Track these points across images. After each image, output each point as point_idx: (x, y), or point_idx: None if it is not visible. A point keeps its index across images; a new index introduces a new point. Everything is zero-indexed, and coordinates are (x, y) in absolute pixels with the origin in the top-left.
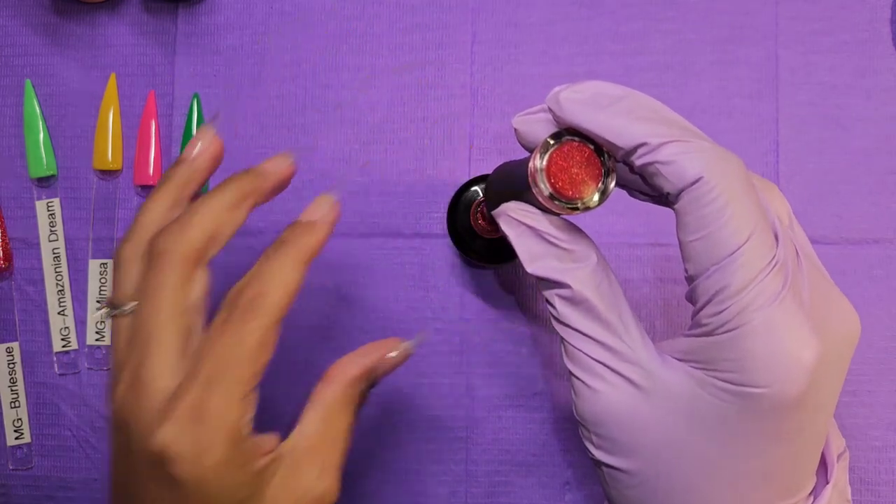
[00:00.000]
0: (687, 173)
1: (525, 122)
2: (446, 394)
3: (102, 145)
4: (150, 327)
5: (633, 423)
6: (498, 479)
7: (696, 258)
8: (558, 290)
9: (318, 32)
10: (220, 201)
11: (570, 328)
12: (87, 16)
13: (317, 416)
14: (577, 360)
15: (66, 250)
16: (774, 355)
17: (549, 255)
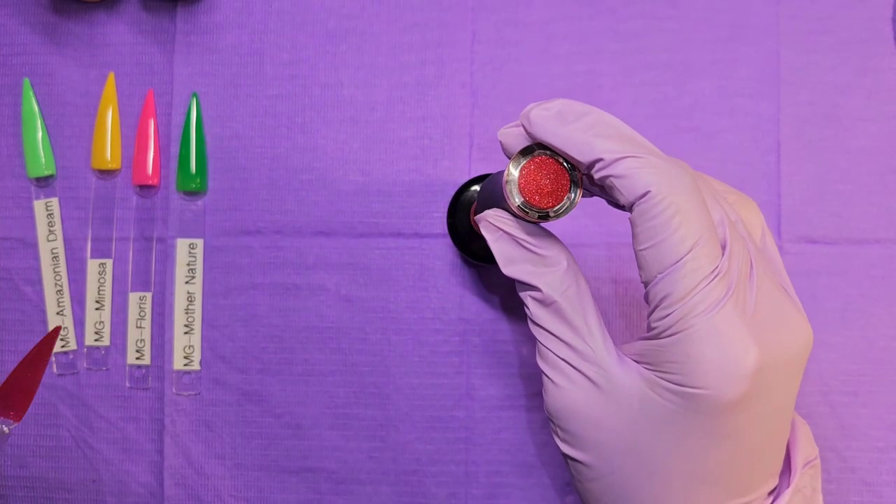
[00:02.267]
0: (637, 187)
1: (507, 136)
2: (446, 394)
3: (101, 145)
4: None
5: (591, 418)
6: (498, 479)
7: (646, 266)
8: (531, 292)
9: (317, 31)
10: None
11: (541, 328)
12: (85, 15)
13: None
14: (545, 358)
15: (65, 250)
16: (714, 359)
17: (523, 259)
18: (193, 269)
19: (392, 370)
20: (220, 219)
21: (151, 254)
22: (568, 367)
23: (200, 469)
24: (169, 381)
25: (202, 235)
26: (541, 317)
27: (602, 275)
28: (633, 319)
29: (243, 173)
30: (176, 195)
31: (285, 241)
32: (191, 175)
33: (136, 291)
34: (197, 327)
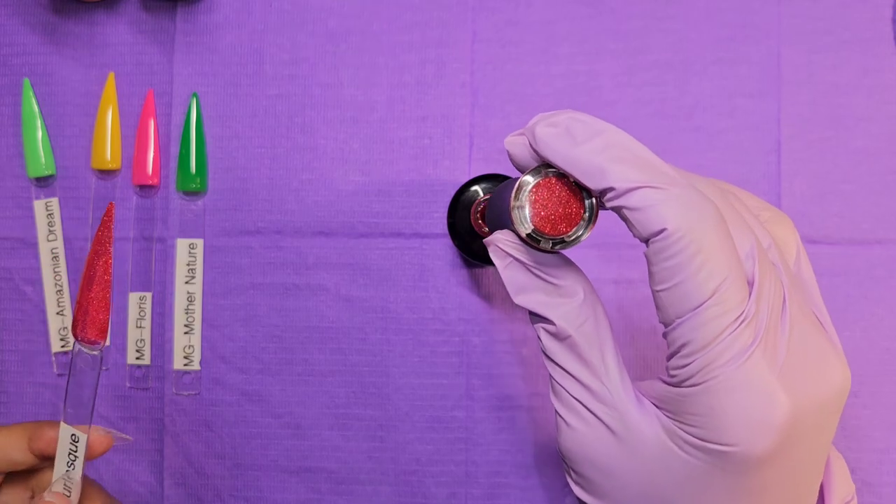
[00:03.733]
0: (653, 222)
1: (514, 145)
2: (446, 394)
3: (101, 145)
4: None
5: (606, 465)
6: (498, 480)
7: (663, 308)
8: (544, 324)
9: (317, 31)
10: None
11: (554, 363)
12: (85, 15)
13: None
14: (559, 396)
15: (65, 250)
16: (740, 413)
17: (536, 288)
18: (193, 269)
19: (392, 370)
20: (220, 219)
21: (151, 254)
22: (582, 408)
23: (200, 469)
24: (169, 381)
25: (202, 235)
26: (554, 351)
27: (602, 276)
28: (634, 321)
29: (243, 173)
30: (176, 195)
31: (285, 241)
32: (191, 175)
33: (136, 291)
34: (197, 327)
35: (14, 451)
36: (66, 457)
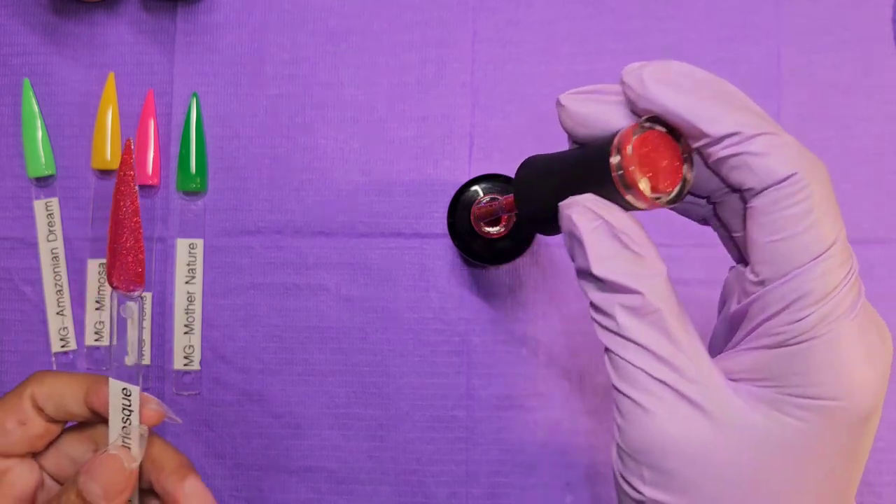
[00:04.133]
0: (779, 169)
1: (581, 103)
2: (446, 394)
3: (101, 145)
4: None
5: (698, 452)
6: (498, 479)
7: (774, 261)
8: (624, 297)
9: (317, 30)
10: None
11: (630, 341)
12: (85, 15)
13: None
14: (633, 380)
15: (65, 250)
16: (850, 367)
17: (621, 258)
18: (193, 269)
19: (392, 370)
20: (220, 219)
21: (151, 254)
22: (665, 389)
23: (200, 469)
24: (169, 381)
25: (202, 235)
26: (633, 329)
27: None
28: None
29: (243, 173)
30: (176, 195)
31: (285, 240)
32: (191, 175)
33: None
34: (197, 327)
35: (70, 402)
36: (121, 412)
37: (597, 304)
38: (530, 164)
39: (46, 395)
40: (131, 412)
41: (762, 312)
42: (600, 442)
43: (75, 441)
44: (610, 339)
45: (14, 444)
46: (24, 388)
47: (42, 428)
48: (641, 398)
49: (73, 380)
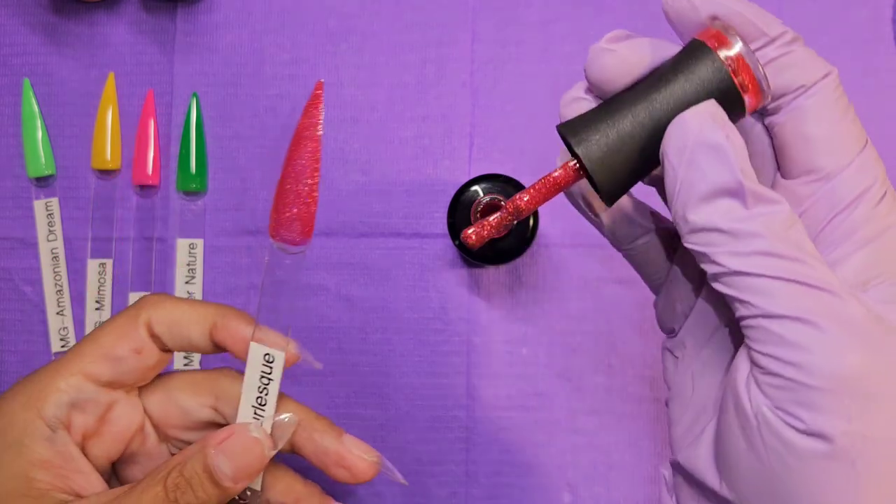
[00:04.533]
0: (821, 66)
1: (636, 46)
2: (446, 394)
3: (101, 144)
4: None
5: (880, 371)
6: (498, 480)
7: (839, 149)
8: (769, 209)
9: (317, 30)
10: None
11: (783, 258)
12: (85, 15)
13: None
14: (786, 298)
15: (65, 250)
16: None
17: (750, 172)
18: (193, 270)
19: (392, 370)
20: (221, 219)
21: (151, 254)
22: (830, 304)
23: None
24: None
25: (202, 235)
26: (784, 244)
27: (605, 275)
28: (636, 321)
29: (243, 173)
30: (176, 195)
31: None
32: (191, 175)
33: (136, 291)
34: None
35: (194, 332)
36: (258, 380)
37: (733, 226)
38: (582, 128)
39: (165, 322)
40: (270, 381)
41: (832, 208)
42: (601, 442)
43: (189, 389)
44: (756, 263)
45: (125, 374)
46: (138, 311)
47: (156, 358)
48: (812, 317)
49: (196, 308)
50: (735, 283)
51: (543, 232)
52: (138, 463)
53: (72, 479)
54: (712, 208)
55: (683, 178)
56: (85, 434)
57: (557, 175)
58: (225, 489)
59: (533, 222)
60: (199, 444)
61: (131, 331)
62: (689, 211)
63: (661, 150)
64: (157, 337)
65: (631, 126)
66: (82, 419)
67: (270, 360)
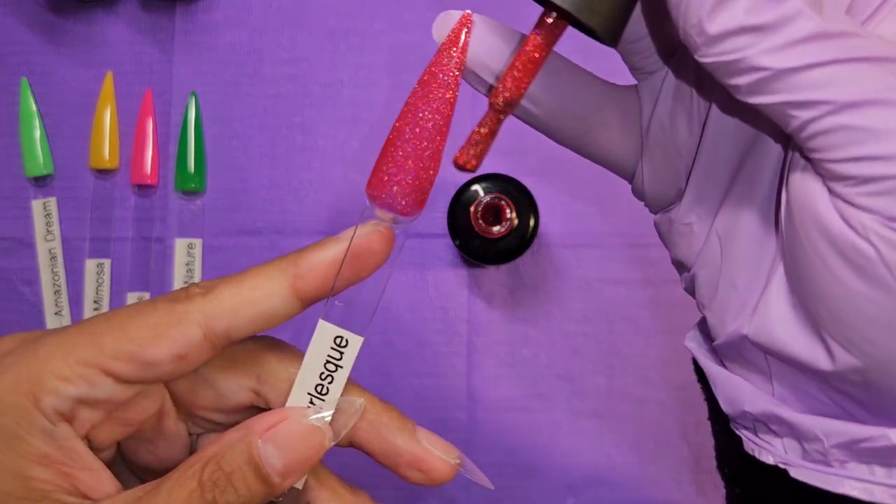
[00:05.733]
0: None
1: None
2: (447, 396)
3: (99, 144)
4: None
5: None
6: (499, 482)
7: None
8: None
9: (317, 30)
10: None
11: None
12: (83, 13)
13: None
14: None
15: (63, 250)
16: None
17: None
18: (192, 270)
19: (392, 371)
20: (219, 218)
21: (150, 254)
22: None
23: None
24: None
25: (201, 235)
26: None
27: (605, 275)
28: (637, 322)
29: (242, 173)
30: (174, 195)
31: (285, 240)
32: (189, 174)
33: (135, 292)
34: None
35: (274, 299)
36: (323, 366)
37: (766, 18)
38: None
39: (228, 312)
40: (338, 368)
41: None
42: (603, 444)
43: (226, 367)
44: (807, 51)
45: (159, 377)
46: (187, 306)
47: (206, 357)
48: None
49: (262, 272)
50: (784, 86)
51: (543, 232)
52: (150, 442)
53: (77, 477)
54: (735, 3)
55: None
56: (93, 426)
57: (537, 40)
58: (273, 485)
59: (534, 222)
60: (241, 432)
61: (175, 330)
62: (707, 13)
63: None
64: (219, 335)
65: None
66: (90, 414)
67: (342, 344)
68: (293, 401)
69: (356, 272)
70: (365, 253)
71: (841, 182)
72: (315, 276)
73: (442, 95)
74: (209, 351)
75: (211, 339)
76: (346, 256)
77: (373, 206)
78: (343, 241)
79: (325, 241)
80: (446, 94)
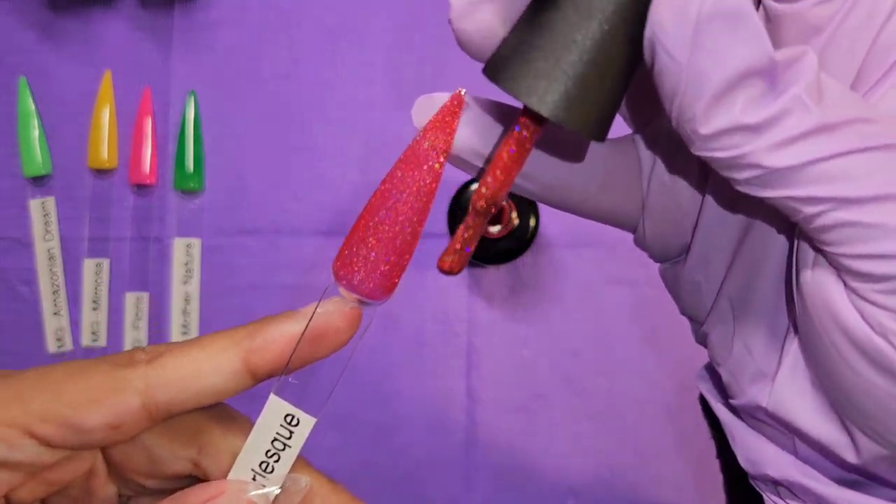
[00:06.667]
0: None
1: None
2: (447, 396)
3: (97, 143)
4: None
5: None
6: (499, 483)
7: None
8: (801, 66)
9: (316, 28)
10: None
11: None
12: (82, 12)
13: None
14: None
15: (61, 250)
16: None
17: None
18: (191, 269)
19: (392, 372)
20: (218, 218)
21: (148, 253)
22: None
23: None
24: None
25: (200, 235)
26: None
27: (606, 276)
28: (638, 323)
29: (241, 172)
30: (173, 194)
31: (284, 240)
32: (188, 174)
33: (133, 291)
34: (194, 328)
35: (221, 375)
36: (270, 443)
37: (767, 114)
38: (523, 63)
39: (172, 384)
40: (286, 447)
41: (864, 28)
42: (602, 445)
43: (166, 434)
44: (810, 147)
45: (90, 444)
46: (128, 373)
47: (144, 427)
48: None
49: (214, 343)
50: (787, 182)
51: (543, 232)
52: (76, 501)
53: None
54: (733, 100)
55: (690, 70)
56: (11, 487)
57: (521, 138)
58: None
59: (534, 222)
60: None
61: (112, 397)
62: (703, 111)
63: (648, 37)
64: (160, 407)
65: (597, 27)
66: (9, 476)
67: (293, 423)
68: (235, 474)
69: (315, 352)
70: (326, 333)
71: (855, 277)
72: (270, 353)
73: (423, 181)
74: (147, 421)
75: (150, 409)
76: (304, 335)
77: (338, 286)
78: (304, 316)
79: (285, 316)
80: (427, 180)
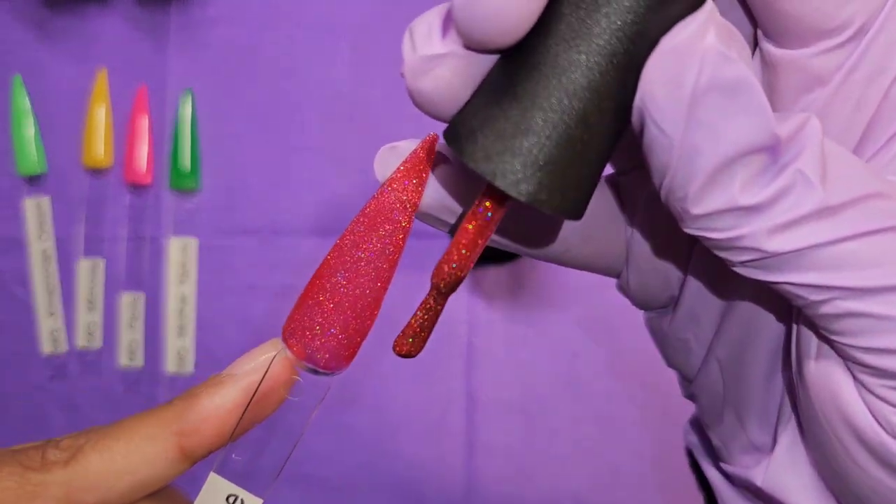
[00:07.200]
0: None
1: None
2: (446, 399)
3: (93, 142)
4: None
5: None
6: (499, 487)
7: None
8: (804, 135)
9: (314, 26)
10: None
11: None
12: (77, 8)
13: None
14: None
15: (56, 250)
16: None
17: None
18: (187, 269)
19: (389, 373)
20: (215, 218)
21: (144, 253)
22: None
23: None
24: (162, 384)
25: (196, 235)
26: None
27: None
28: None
29: (238, 171)
30: (168, 193)
31: (281, 240)
32: (184, 173)
33: (129, 291)
34: (190, 329)
35: (155, 465)
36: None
37: (766, 195)
38: (491, 132)
39: (95, 492)
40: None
41: (876, 82)
42: (603, 447)
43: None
44: (812, 231)
45: None
46: (44, 473)
47: None
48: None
49: (143, 428)
50: (787, 267)
51: None
52: None
53: None
54: (731, 179)
55: (683, 147)
56: None
57: (487, 216)
58: None
59: None
60: None
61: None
62: (696, 191)
63: (637, 108)
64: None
65: (579, 96)
66: None
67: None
68: None
69: (256, 416)
70: (269, 393)
71: (865, 371)
72: (205, 432)
73: (389, 240)
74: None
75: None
76: (249, 404)
77: (287, 353)
78: (238, 380)
79: (220, 383)
80: (394, 238)
